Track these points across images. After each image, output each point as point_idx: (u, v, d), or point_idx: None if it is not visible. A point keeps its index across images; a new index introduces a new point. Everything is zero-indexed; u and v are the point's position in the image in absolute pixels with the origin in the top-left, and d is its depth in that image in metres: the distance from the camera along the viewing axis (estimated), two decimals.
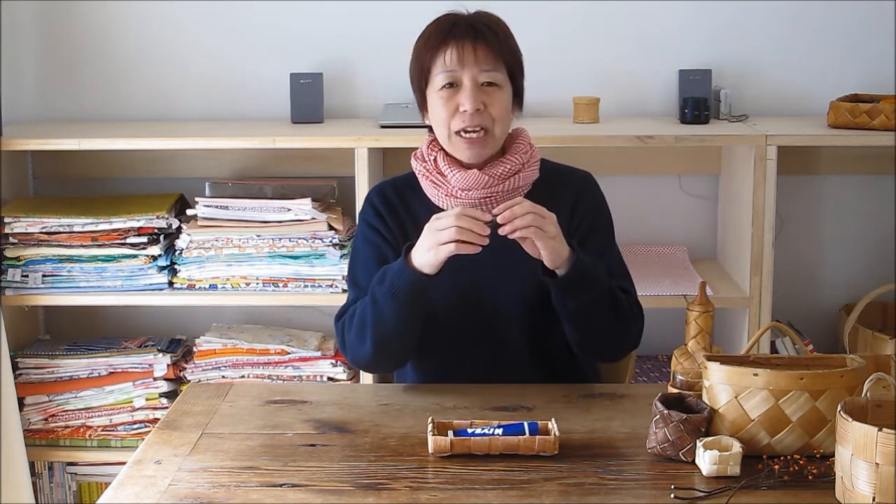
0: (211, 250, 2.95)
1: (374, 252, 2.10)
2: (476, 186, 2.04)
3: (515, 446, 1.73)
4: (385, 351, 2.02)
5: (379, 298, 1.96)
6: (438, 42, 2.02)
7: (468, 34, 2.01)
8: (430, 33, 2.06)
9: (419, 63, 2.06)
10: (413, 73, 2.08)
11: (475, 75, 2.01)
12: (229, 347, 3.03)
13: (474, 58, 2.00)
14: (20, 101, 3.22)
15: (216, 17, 3.22)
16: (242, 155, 3.20)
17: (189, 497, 1.62)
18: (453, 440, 1.72)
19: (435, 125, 2.07)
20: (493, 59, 2.02)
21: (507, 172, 2.05)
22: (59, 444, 3.05)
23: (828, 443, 1.67)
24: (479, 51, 2.01)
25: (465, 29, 2.02)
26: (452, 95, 2.02)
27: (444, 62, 2.01)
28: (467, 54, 2.00)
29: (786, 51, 3.21)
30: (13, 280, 2.95)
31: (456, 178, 2.04)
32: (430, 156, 2.09)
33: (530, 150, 2.10)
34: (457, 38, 2.01)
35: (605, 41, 3.20)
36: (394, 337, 2.00)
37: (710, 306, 1.89)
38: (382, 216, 2.12)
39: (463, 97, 2.00)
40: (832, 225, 3.28)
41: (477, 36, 2.01)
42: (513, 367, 2.11)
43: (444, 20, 2.06)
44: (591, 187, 2.17)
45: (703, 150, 3.19)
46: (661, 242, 3.27)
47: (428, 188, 2.10)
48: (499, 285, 2.06)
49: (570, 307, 1.98)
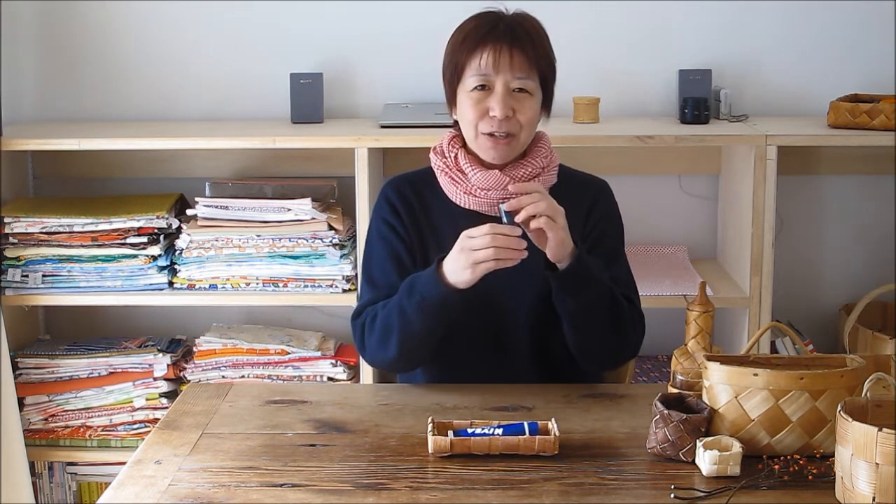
0: (211, 250, 2.95)
1: (389, 249, 2.09)
2: (496, 187, 2.04)
3: (515, 446, 1.73)
4: (410, 357, 2.05)
5: (407, 309, 1.96)
6: (475, 43, 2.01)
7: (506, 38, 1.99)
8: (468, 31, 2.03)
9: (453, 59, 2.04)
10: (446, 68, 2.06)
11: (508, 81, 1.99)
12: (229, 347, 3.03)
13: (510, 64, 1.99)
14: (20, 101, 3.22)
15: (216, 17, 3.22)
16: (242, 155, 3.19)
17: (189, 497, 1.62)
18: (453, 440, 1.72)
19: (462, 124, 2.06)
20: (528, 66, 2.00)
21: (527, 175, 2.05)
22: (59, 444, 3.05)
23: (828, 443, 1.67)
24: (515, 57, 1.99)
25: (504, 32, 2.00)
26: (483, 98, 2.01)
27: (479, 65, 1.99)
28: (503, 59, 1.99)
29: (786, 51, 3.21)
30: (13, 280, 2.95)
31: (477, 177, 2.05)
32: (451, 152, 2.08)
33: (550, 154, 2.11)
34: (494, 42, 1.99)
35: (605, 41, 3.20)
36: (420, 346, 2.01)
37: (710, 306, 1.89)
38: (398, 212, 2.11)
39: (493, 101, 1.99)
40: (832, 225, 3.28)
41: (514, 41, 1.99)
42: (517, 368, 2.11)
43: (484, 18, 2.04)
44: (607, 196, 2.18)
45: (703, 150, 3.19)
46: (661, 242, 3.27)
47: (446, 184, 2.09)
48: (508, 286, 2.06)
49: (569, 305, 1.98)
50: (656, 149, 3.10)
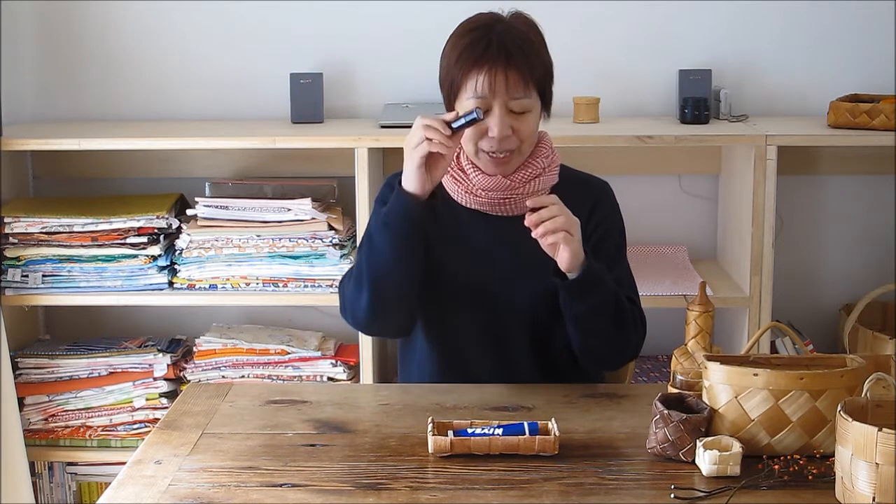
0: (211, 250, 2.95)
1: None
2: (498, 188, 2.04)
3: (515, 446, 1.73)
4: (382, 298, 1.98)
5: (374, 235, 1.96)
6: (470, 65, 1.97)
7: (500, 57, 1.96)
8: (461, 49, 1.99)
9: (449, 77, 2.02)
10: (443, 83, 2.04)
11: (505, 102, 1.97)
12: (229, 347, 3.03)
13: (505, 86, 1.96)
14: (20, 101, 3.22)
15: (216, 17, 3.22)
16: (242, 155, 3.20)
17: (189, 497, 1.62)
18: (453, 440, 1.72)
19: (462, 139, 2.02)
20: (524, 84, 1.98)
21: (529, 176, 2.05)
22: (59, 444, 3.05)
23: (828, 443, 1.67)
24: (511, 77, 1.96)
25: (498, 50, 1.96)
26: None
27: (476, 89, 1.97)
28: (499, 82, 1.96)
29: (786, 51, 3.21)
30: (13, 280, 2.95)
31: (478, 178, 2.04)
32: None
33: (552, 154, 2.10)
34: (489, 63, 1.96)
35: (605, 41, 3.20)
36: (389, 276, 1.96)
37: (710, 306, 1.89)
38: None
39: (492, 122, 1.97)
40: (832, 225, 3.28)
41: (509, 60, 1.96)
42: (516, 366, 2.11)
43: (476, 33, 1.99)
44: (609, 197, 2.18)
45: (703, 150, 3.19)
46: (661, 242, 3.27)
47: (447, 182, 2.09)
48: (509, 282, 2.07)
49: (576, 310, 1.98)
50: (656, 149, 3.10)
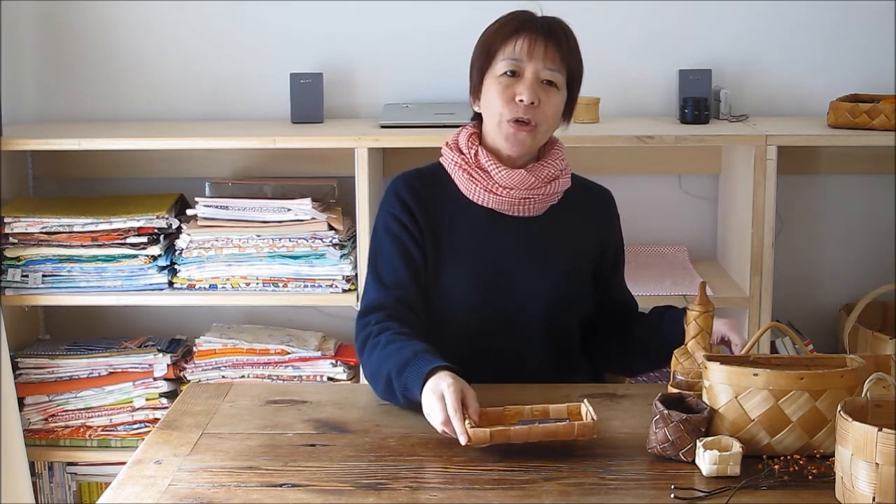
0: (211, 250, 2.95)
1: (398, 246, 2.06)
2: (520, 186, 2.05)
3: (555, 432, 1.70)
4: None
5: (395, 383, 1.88)
6: (511, 31, 2.04)
7: (541, 30, 2.04)
8: (503, 21, 2.07)
9: (485, 46, 2.06)
10: (476, 57, 2.08)
11: (538, 70, 2.02)
12: (229, 347, 3.03)
13: (543, 53, 2.02)
14: (20, 101, 3.22)
15: (216, 17, 3.22)
16: (242, 155, 3.20)
17: (189, 497, 1.62)
18: (493, 431, 1.70)
19: (487, 110, 2.06)
20: (560, 60, 2.04)
21: (549, 176, 2.07)
22: (59, 444, 3.05)
23: (828, 443, 1.67)
24: (549, 48, 2.02)
25: (541, 25, 2.05)
26: (511, 84, 2.02)
27: (514, 49, 2.02)
28: (537, 48, 2.02)
29: (786, 51, 3.21)
30: (13, 280, 2.95)
31: (501, 175, 2.05)
32: (471, 149, 2.08)
33: (565, 159, 2.13)
34: (530, 32, 2.03)
35: (605, 41, 3.20)
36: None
37: (710, 306, 1.89)
38: (410, 210, 2.07)
39: (522, 87, 2.01)
40: (832, 225, 3.28)
41: (550, 34, 2.04)
42: (527, 366, 2.11)
43: (520, 13, 2.08)
44: (614, 203, 2.25)
45: (703, 150, 3.19)
46: (661, 242, 3.27)
47: (463, 181, 2.08)
48: (522, 284, 2.07)
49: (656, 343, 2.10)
50: (656, 149, 3.10)
